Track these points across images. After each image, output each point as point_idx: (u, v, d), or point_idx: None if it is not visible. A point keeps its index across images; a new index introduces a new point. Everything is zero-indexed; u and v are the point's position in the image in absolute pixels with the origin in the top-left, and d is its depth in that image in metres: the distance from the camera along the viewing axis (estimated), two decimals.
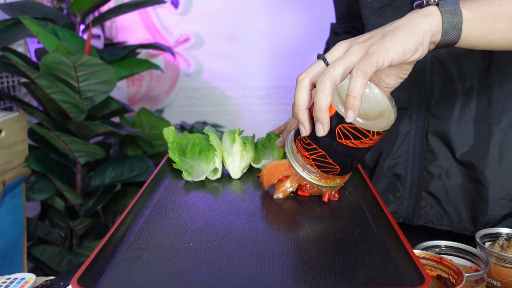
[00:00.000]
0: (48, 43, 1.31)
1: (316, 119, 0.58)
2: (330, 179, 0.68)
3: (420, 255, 0.61)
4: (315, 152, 0.63)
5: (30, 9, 1.53)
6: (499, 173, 0.82)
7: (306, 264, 0.52)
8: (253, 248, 0.56)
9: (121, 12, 1.60)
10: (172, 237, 0.60)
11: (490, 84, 0.80)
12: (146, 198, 0.73)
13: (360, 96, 0.55)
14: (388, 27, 0.59)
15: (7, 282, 0.70)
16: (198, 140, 0.89)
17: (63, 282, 0.71)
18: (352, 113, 0.55)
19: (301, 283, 0.48)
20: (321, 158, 0.64)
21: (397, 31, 0.58)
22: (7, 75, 1.57)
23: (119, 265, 0.53)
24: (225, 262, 0.53)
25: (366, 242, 0.58)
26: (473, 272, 0.63)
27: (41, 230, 1.62)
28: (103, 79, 1.37)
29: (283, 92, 2.44)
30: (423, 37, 0.58)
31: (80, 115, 1.45)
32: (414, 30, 0.58)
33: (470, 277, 0.59)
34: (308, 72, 0.60)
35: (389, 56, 0.56)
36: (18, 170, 1.38)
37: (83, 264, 0.51)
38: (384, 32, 0.58)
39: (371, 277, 0.49)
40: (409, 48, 0.57)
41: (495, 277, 0.65)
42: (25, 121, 1.39)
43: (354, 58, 0.57)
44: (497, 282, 0.65)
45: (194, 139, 0.89)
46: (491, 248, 0.68)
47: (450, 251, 0.67)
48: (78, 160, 1.50)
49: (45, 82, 1.31)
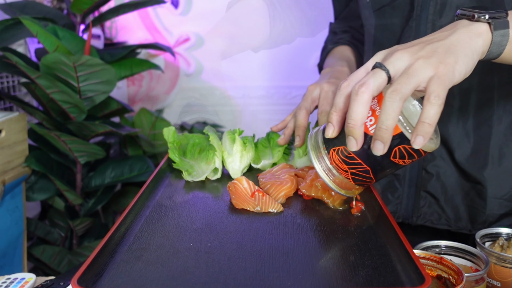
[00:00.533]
0: (48, 43, 1.31)
1: (377, 137, 0.54)
2: (352, 188, 0.65)
3: (420, 255, 0.61)
4: (358, 167, 0.59)
5: (30, 9, 1.53)
6: (498, 174, 0.82)
7: (306, 264, 0.52)
8: (253, 248, 0.56)
9: (121, 12, 1.60)
10: (172, 237, 0.60)
11: (489, 85, 0.80)
12: (146, 198, 0.73)
13: (434, 124, 0.52)
14: (445, 41, 0.56)
15: (7, 282, 0.70)
16: (198, 140, 0.89)
17: (63, 282, 0.71)
18: (422, 140, 0.52)
19: (301, 283, 0.48)
20: (363, 173, 0.60)
21: (458, 49, 0.55)
22: (7, 75, 1.57)
23: (119, 265, 0.53)
24: (225, 262, 0.53)
25: (366, 242, 0.58)
26: (473, 272, 0.63)
27: (41, 230, 1.62)
28: (103, 79, 1.37)
29: (283, 92, 2.44)
30: (477, 57, 0.57)
31: (80, 115, 1.45)
32: (471, 50, 0.56)
33: (470, 277, 0.59)
34: (368, 84, 0.54)
35: (455, 78, 0.55)
36: (18, 170, 1.38)
37: (83, 264, 0.51)
38: (444, 47, 0.56)
39: (371, 277, 0.49)
40: (469, 69, 0.56)
41: (495, 277, 0.65)
42: (25, 121, 1.39)
43: (424, 77, 0.53)
44: (497, 282, 0.65)
45: (194, 139, 0.89)
46: (491, 248, 0.68)
47: (450, 251, 0.67)
48: (78, 160, 1.50)
49: (45, 82, 1.31)
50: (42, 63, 1.29)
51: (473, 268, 0.64)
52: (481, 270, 0.61)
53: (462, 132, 0.83)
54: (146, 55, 2.41)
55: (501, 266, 0.64)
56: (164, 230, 0.62)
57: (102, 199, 1.62)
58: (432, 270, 0.61)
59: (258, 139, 0.93)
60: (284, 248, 0.56)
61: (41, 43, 1.33)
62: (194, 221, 0.65)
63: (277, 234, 0.60)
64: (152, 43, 1.83)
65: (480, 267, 0.63)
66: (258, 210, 0.68)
